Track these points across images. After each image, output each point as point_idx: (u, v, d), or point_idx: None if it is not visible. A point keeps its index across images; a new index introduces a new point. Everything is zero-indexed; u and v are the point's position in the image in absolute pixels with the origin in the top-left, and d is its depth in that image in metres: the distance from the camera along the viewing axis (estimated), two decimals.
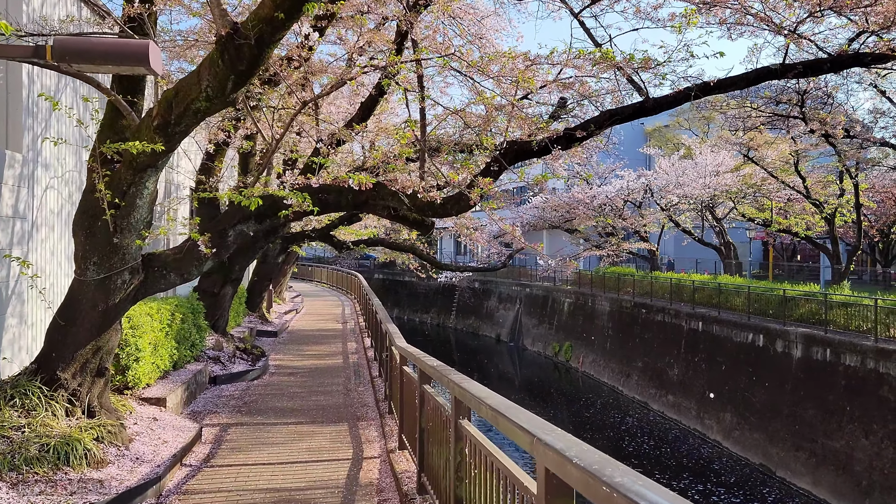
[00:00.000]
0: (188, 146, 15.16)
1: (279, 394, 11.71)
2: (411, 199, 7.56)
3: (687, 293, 29.29)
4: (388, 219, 8.92)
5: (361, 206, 8.16)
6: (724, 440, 23.35)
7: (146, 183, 6.94)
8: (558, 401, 32.89)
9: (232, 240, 7.65)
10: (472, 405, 3.84)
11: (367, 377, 13.31)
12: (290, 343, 18.39)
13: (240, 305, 17.83)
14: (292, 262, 29.86)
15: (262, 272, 20.26)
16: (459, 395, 4.03)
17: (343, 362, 15.33)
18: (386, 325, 10.51)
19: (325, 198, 7.87)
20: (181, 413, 9.74)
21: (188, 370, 11.10)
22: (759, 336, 22.88)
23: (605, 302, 35.32)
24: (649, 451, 24.09)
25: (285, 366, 14.66)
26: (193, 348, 11.73)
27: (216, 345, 12.86)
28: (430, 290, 56.03)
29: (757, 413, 22.09)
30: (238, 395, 11.43)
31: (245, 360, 13.13)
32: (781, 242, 40.65)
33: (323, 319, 25.01)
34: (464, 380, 4.13)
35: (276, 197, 7.60)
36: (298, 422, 9.74)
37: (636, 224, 34.35)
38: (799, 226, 25.82)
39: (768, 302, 24.07)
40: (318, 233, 19.48)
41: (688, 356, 27.02)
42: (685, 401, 26.37)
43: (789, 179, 25.59)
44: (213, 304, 13.44)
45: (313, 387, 12.43)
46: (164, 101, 6.36)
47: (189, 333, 11.42)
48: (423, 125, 8.17)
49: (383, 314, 12.23)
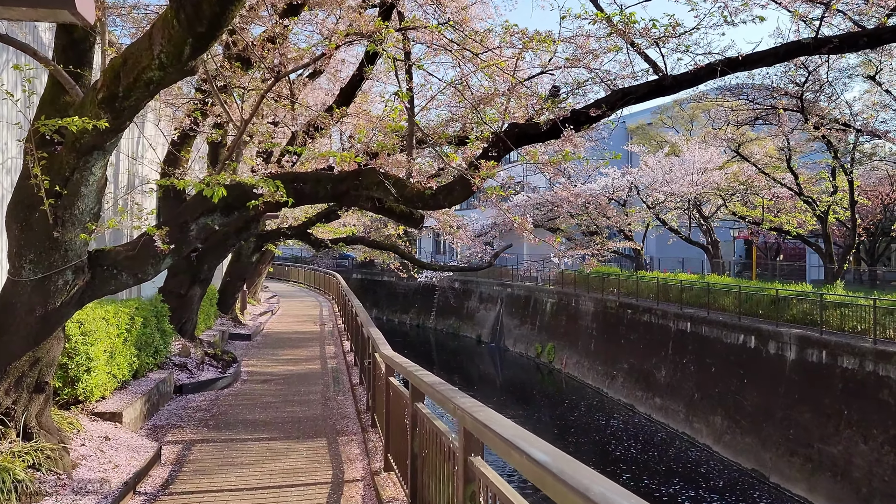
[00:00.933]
0: (154, 137, 14.12)
1: (251, 404, 10.74)
2: (399, 188, 6.66)
3: (674, 293, 28.66)
4: (372, 211, 8.00)
5: (342, 197, 7.23)
6: (714, 444, 22.70)
7: (92, 168, 5.97)
8: (541, 403, 32.17)
9: (195, 235, 6.69)
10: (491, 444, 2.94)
11: (347, 384, 12.38)
12: (264, 347, 17.39)
13: (211, 307, 16.79)
14: (268, 261, 28.79)
15: (235, 272, 19.22)
16: (473, 428, 3.14)
17: (321, 368, 14.38)
18: (368, 330, 9.60)
19: (300, 187, 6.93)
20: (140, 428, 8.75)
21: (150, 379, 10.10)
22: (751, 337, 22.25)
23: (590, 302, 34.64)
24: (636, 456, 23.40)
25: (259, 372, 13.68)
26: (157, 355, 10.73)
27: (183, 350, 11.85)
28: (409, 290, 55.25)
29: (749, 416, 21.45)
30: (206, 406, 10.44)
31: (215, 366, 12.14)
32: (765, 241, 40.23)
33: (300, 321, 23.99)
34: (478, 408, 3.23)
35: (244, 186, 6.66)
36: (272, 437, 8.79)
37: (621, 222, 33.67)
38: (790, 224, 25.27)
39: (759, 302, 23.47)
40: (294, 231, 18.51)
41: (676, 358, 26.37)
42: (673, 403, 25.71)
43: (779, 176, 25.04)
44: (179, 307, 12.42)
45: (289, 396, 11.48)
46: (111, 71, 5.40)
47: (152, 339, 10.42)
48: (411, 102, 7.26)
49: (364, 317, 11.31)
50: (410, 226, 7.75)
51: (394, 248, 19.14)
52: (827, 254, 23.19)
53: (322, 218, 17.83)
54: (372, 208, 7.27)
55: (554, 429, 27.59)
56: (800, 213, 25.26)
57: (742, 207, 26.42)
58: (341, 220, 26.21)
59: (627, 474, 21.61)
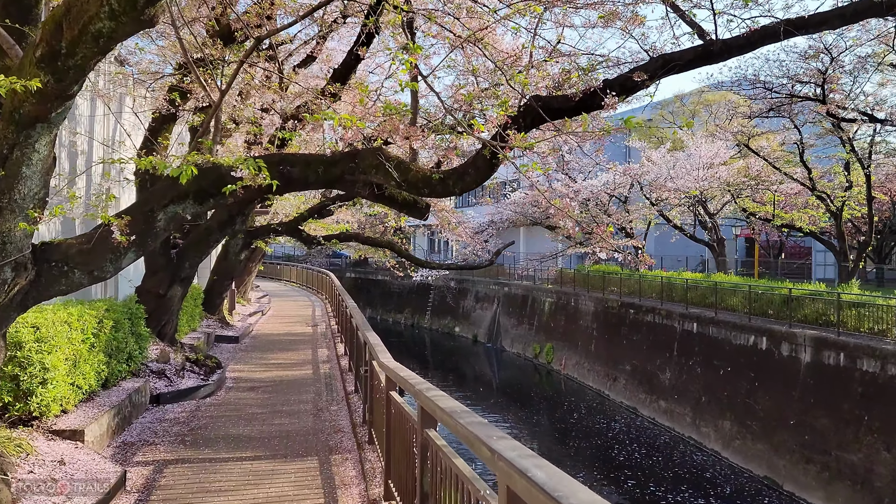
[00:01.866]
0: (132, 125, 13.08)
1: (235, 416, 9.72)
2: (401, 171, 5.68)
3: (678, 292, 27.75)
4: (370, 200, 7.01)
5: (335, 183, 6.24)
6: (723, 450, 21.79)
7: (36, 144, 4.96)
8: (539, 405, 31.29)
9: (163, 225, 5.68)
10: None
11: (340, 392, 11.37)
12: (252, 350, 16.36)
13: (195, 308, 15.75)
14: (258, 259, 27.73)
15: (222, 270, 18.18)
16: (526, 494, 2.14)
17: (313, 373, 13.37)
18: (364, 334, 8.60)
19: (287, 171, 5.94)
20: (107, 446, 7.73)
21: (122, 389, 9.08)
22: (762, 338, 21.34)
23: (590, 301, 33.73)
24: (641, 461, 22.49)
25: (245, 378, 12.66)
26: (131, 361, 9.71)
27: (161, 356, 10.83)
28: (403, 289, 54.49)
29: (760, 421, 20.53)
30: (184, 418, 9.43)
31: (196, 373, 11.11)
32: (767, 239, 39.39)
33: (291, 322, 22.96)
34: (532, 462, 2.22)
35: (221, 169, 5.66)
36: (256, 456, 7.79)
37: (622, 220, 32.74)
38: (801, 220, 24.32)
39: (769, 302, 22.56)
40: (284, 227, 17.51)
41: (681, 359, 25.45)
42: (679, 407, 24.79)
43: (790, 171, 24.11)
44: (158, 308, 11.39)
45: (277, 405, 10.47)
46: (52, 22, 4.40)
47: (125, 343, 9.39)
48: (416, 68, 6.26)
49: (360, 319, 10.32)
50: (414, 216, 6.78)
51: (390, 245, 18.14)
52: (841, 251, 22.28)
53: (314, 213, 16.83)
54: (370, 196, 6.28)
55: (554, 432, 26.69)
56: (811, 210, 24.31)
57: (752, 204, 25.49)
58: (335, 217, 25.21)
59: (632, 480, 20.74)
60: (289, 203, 21.50)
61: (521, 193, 40.33)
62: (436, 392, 4.13)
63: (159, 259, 11.14)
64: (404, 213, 6.79)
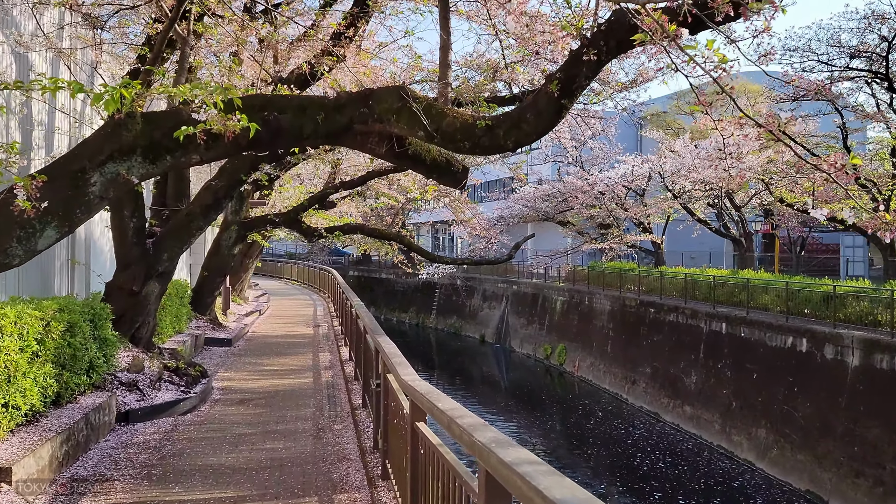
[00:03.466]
0: None
1: (218, 438, 8.04)
2: (433, 117, 4.03)
3: (702, 290, 26.06)
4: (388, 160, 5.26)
5: (341, 135, 4.55)
6: (757, 460, 20.12)
7: None
8: (552, 409, 29.72)
9: (99, 191, 4.02)
10: None
11: (345, 406, 9.69)
12: (246, 354, 14.67)
13: (181, 307, 14.06)
14: (255, 255, 26.05)
15: (214, 266, 16.50)
16: None
17: (313, 382, 11.68)
18: (376, 340, 6.94)
19: (273, 119, 4.28)
20: (50, 484, 6.05)
21: (79, 407, 7.40)
22: (802, 340, 19.64)
23: (605, 300, 32.05)
24: (666, 470, 20.89)
25: (235, 389, 10.97)
26: (92, 372, 8.03)
27: (133, 364, 9.14)
28: (408, 287, 53.13)
29: (801, 430, 18.84)
30: (156, 441, 7.75)
31: (176, 383, 9.43)
32: (788, 235, 37.69)
33: (291, 322, 21.28)
34: None
35: (182, 115, 3.96)
36: (240, 497, 6.11)
37: (639, 214, 31.01)
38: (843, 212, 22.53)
39: (806, 300, 20.87)
40: (283, 217, 15.84)
41: (709, 362, 23.77)
42: (706, 413, 23.11)
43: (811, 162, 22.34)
44: (131, 307, 9.71)
45: (270, 423, 8.79)
46: None
47: (84, 351, 7.72)
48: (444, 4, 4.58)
49: (369, 321, 8.64)
50: (447, 182, 5.11)
51: (399, 238, 16.46)
52: (886, 246, 20.59)
53: (315, 203, 15.14)
54: (389, 154, 4.59)
55: (572, 439, 25.11)
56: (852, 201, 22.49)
57: (788, 194, 23.80)
58: (337, 210, 23.54)
59: (658, 493, 19.20)
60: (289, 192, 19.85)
61: (531, 188, 38.69)
62: (515, 453, 2.42)
63: (132, 250, 9.47)
64: (433, 178, 5.10)
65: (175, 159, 4.26)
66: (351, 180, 15.91)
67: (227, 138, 4.09)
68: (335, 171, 17.24)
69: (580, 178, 31.60)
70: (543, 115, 4.27)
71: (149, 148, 4.11)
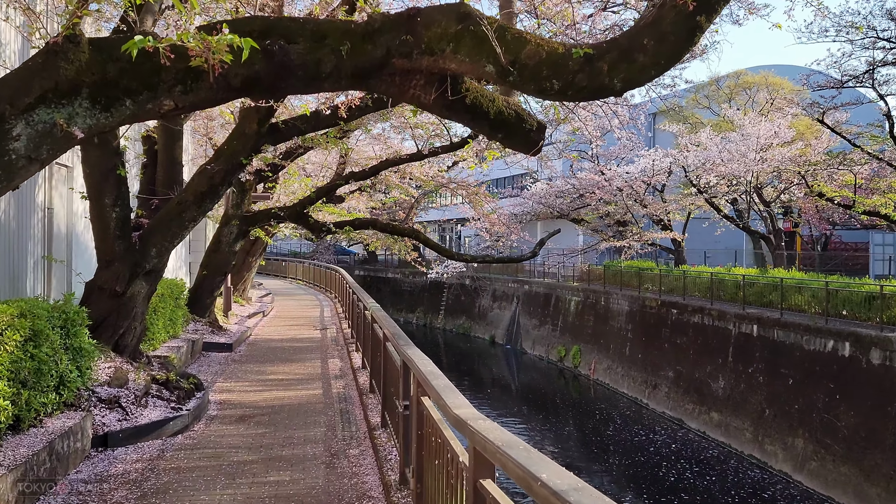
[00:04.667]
0: None
1: (213, 468, 6.74)
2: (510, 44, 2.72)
3: (728, 290, 24.74)
4: (438, 112, 3.89)
5: (373, 75, 3.23)
6: (794, 472, 18.82)
7: None
8: (566, 413, 28.50)
9: (24, 148, 2.72)
10: None
11: (361, 425, 8.40)
12: (248, 361, 13.37)
13: (177, 309, 12.77)
14: (259, 253, 24.77)
15: (213, 264, 15.22)
16: None
17: (323, 393, 10.39)
18: (404, 353, 5.65)
19: (279, 50, 2.98)
20: None
21: (44, 432, 6.13)
22: (844, 343, 18.31)
23: (623, 300, 30.75)
24: (695, 481, 19.67)
25: (234, 403, 9.68)
26: (63, 388, 6.76)
27: (116, 377, 7.85)
28: (415, 287, 52.12)
29: (844, 441, 17.53)
30: (138, 472, 6.46)
31: (166, 399, 8.13)
32: (811, 233, 36.39)
33: (296, 324, 20.00)
34: None
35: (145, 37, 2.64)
36: None
37: (659, 211, 29.65)
38: (887, 206, 21.20)
39: (845, 300, 19.56)
40: (288, 211, 14.58)
41: (738, 366, 22.46)
42: (736, 420, 21.82)
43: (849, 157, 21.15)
44: (115, 311, 8.42)
45: (274, 447, 7.49)
46: None
47: (51, 364, 6.44)
48: None
49: (391, 326, 7.34)
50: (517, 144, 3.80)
51: (414, 234, 15.14)
52: None
53: (323, 195, 13.85)
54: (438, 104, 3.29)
55: (591, 446, 23.86)
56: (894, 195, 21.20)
57: (828, 188, 22.44)
58: (346, 205, 22.28)
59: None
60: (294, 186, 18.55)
61: (543, 185, 37.42)
62: None
63: (115, 244, 8.17)
64: (498, 139, 3.77)
65: (138, 106, 2.98)
66: (361, 171, 14.63)
67: (212, 74, 2.82)
68: (344, 160, 15.98)
69: (596, 173, 30.29)
70: (669, 40, 2.99)
71: (99, 87, 2.85)
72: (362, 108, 8.49)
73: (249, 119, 8.61)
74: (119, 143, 7.95)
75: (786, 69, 38.68)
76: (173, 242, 8.57)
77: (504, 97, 3.48)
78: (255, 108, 8.36)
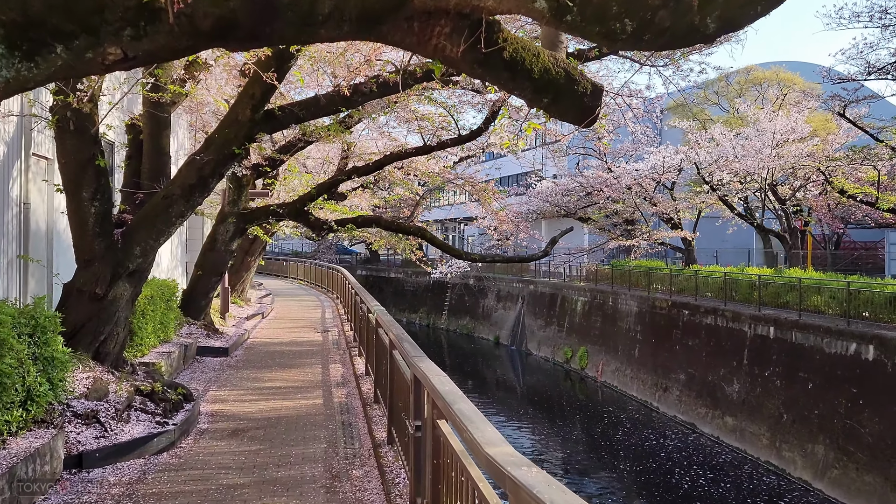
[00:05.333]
0: None
1: (199, 493, 6.00)
2: None
3: (741, 290, 24.00)
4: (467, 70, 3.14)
5: (384, 20, 2.39)
6: (814, 480, 18.09)
7: None
8: (573, 417, 27.79)
9: None
10: None
11: (365, 442, 7.65)
12: (244, 366, 12.63)
13: (169, 311, 12.02)
14: (257, 252, 24.02)
15: (209, 263, 14.48)
16: None
17: (324, 404, 9.65)
18: (417, 368, 4.91)
19: None
20: None
21: (5, 456, 5.39)
22: (868, 346, 17.58)
23: (632, 301, 29.99)
24: (708, 488, 18.96)
25: (227, 414, 8.93)
26: (31, 404, 6.01)
27: (95, 388, 7.11)
28: (418, 287, 51.53)
29: (869, 449, 16.79)
30: (113, 501, 5.71)
31: (150, 412, 7.39)
32: (822, 232, 35.65)
33: (297, 327, 19.27)
34: None
35: None
36: None
37: (669, 209, 28.88)
38: None
39: (866, 301, 18.83)
40: (287, 208, 13.83)
41: (754, 369, 21.72)
42: (752, 425, 21.09)
43: None
44: (95, 315, 7.67)
45: (269, 468, 6.74)
46: None
47: (16, 377, 5.70)
48: None
49: (398, 333, 6.59)
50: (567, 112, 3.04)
51: (419, 232, 14.39)
52: None
53: (324, 191, 13.13)
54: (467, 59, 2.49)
55: (600, 451, 23.11)
56: None
57: (850, 184, 21.69)
58: (348, 203, 21.54)
59: None
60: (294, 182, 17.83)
61: (549, 183, 36.70)
62: None
63: (95, 242, 7.42)
64: (543, 105, 2.99)
65: (74, 55, 2.24)
66: (365, 166, 13.87)
67: (171, 13, 2.08)
68: (346, 155, 15.24)
69: (604, 170, 29.53)
70: None
71: (19, 28, 2.10)
72: (366, 94, 7.77)
73: (243, 105, 7.89)
74: (98, 129, 7.22)
75: (797, 65, 38.01)
76: (159, 240, 7.82)
77: (551, 52, 2.77)
78: (248, 93, 7.63)
